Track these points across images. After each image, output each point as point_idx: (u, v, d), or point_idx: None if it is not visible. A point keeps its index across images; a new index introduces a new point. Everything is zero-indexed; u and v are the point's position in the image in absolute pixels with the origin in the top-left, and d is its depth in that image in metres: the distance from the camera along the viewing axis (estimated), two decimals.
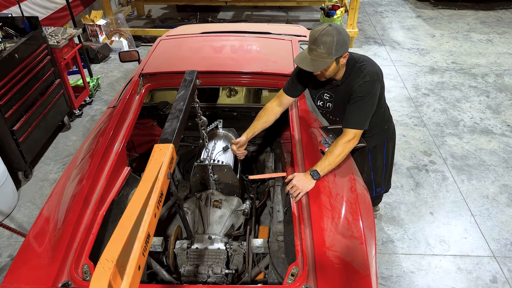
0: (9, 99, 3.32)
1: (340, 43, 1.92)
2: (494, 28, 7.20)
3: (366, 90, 2.07)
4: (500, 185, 3.57)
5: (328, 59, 1.93)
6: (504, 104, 4.84)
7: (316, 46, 1.92)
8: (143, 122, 3.14)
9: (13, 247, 3.03)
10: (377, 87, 2.11)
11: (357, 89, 2.07)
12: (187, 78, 2.04)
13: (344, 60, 2.04)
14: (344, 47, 1.95)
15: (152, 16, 8.07)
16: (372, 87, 2.08)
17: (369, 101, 2.09)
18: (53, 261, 1.67)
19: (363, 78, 2.07)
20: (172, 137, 1.57)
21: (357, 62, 2.13)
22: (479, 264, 2.86)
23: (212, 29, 3.90)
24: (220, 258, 2.17)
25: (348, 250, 1.73)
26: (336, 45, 1.91)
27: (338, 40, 1.90)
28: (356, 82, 2.08)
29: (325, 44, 1.90)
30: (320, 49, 1.92)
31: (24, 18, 3.74)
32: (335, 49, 1.91)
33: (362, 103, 2.08)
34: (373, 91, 2.09)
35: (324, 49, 1.91)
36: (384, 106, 2.43)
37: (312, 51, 1.95)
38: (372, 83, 2.08)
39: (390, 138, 2.60)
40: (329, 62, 1.94)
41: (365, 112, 2.11)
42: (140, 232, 1.04)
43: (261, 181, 2.97)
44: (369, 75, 2.08)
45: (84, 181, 2.01)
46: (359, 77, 2.09)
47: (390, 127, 2.57)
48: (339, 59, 1.99)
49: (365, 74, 2.08)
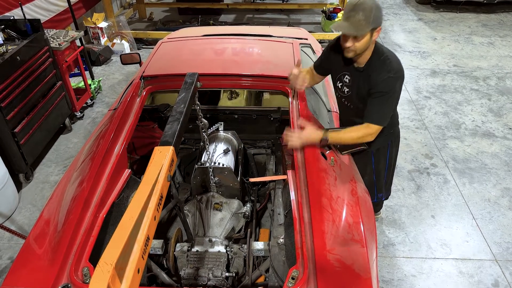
0: (10, 101, 3.33)
1: (377, 14, 1.90)
2: (496, 31, 7.20)
3: (391, 86, 2.05)
4: (502, 188, 3.56)
5: (365, 27, 1.89)
6: (506, 107, 4.83)
7: (355, 12, 1.87)
8: (144, 125, 3.13)
9: (14, 249, 3.03)
10: (400, 85, 2.10)
11: (381, 84, 2.05)
12: (188, 81, 2.04)
13: (377, 35, 1.99)
14: (379, 19, 1.93)
15: (154, 19, 8.10)
16: (396, 83, 2.07)
17: (393, 98, 2.09)
18: (53, 264, 1.67)
19: (388, 73, 2.04)
20: (172, 140, 1.57)
21: (383, 54, 2.10)
22: (481, 268, 2.84)
23: (213, 31, 3.91)
24: (220, 261, 2.16)
25: (349, 254, 1.73)
26: (374, 13, 1.88)
27: (376, 10, 1.89)
28: (380, 76, 2.06)
29: (364, 11, 1.86)
30: (358, 15, 1.87)
31: (26, 20, 3.75)
32: (373, 17, 1.88)
33: (386, 98, 2.07)
34: (397, 88, 2.08)
35: (362, 16, 1.87)
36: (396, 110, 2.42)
37: (350, 18, 1.90)
38: (396, 79, 2.06)
39: (394, 142, 2.59)
40: (366, 31, 1.90)
41: (389, 109, 2.11)
42: (140, 235, 1.04)
43: (261, 184, 2.96)
44: (394, 71, 2.05)
45: (85, 183, 2.01)
46: (384, 70, 2.05)
47: (395, 131, 2.55)
48: (373, 32, 1.96)
49: (390, 68, 2.05)
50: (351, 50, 2.01)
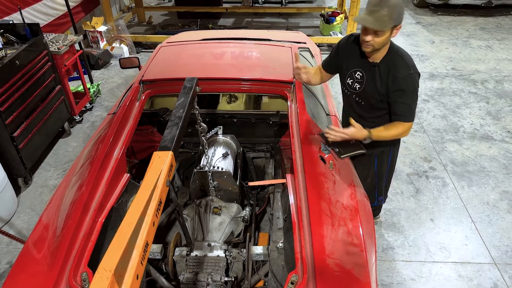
0: (9, 106, 3.33)
1: (401, 11, 1.92)
2: (494, 34, 7.23)
3: (414, 82, 2.10)
4: (501, 192, 3.56)
5: (388, 24, 1.90)
6: (504, 110, 4.84)
7: (380, 7, 1.88)
8: (143, 129, 3.14)
9: (12, 254, 3.02)
10: (418, 80, 2.14)
11: (404, 81, 2.08)
12: (187, 85, 2.04)
13: (397, 32, 2.01)
14: (402, 16, 1.95)
15: (153, 23, 8.11)
16: (415, 80, 2.11)
17: (415, 94, 2.14)
18: (52, 269, 1.67)
19: (408, 70, 2.07)
20: (171, 145, 1.57)
21: (398, 51, 2.15)
22: (480, 271, 2.84)
23: (212, 35, 3.92)
24: (219, 265, 2.16)
25: (348, 258, 1.73)
26: (398, 10, 1.90)
27: (400, 7, 1.91)
28: (401, 73, 2.08)
29: (389, 7, 1.87)
30: (383, 10, 1.87)
31: (25, 24, 3.75)
32: (397, 14, 1.90)
33: (413, 95, 2.12)
34: (416, 84, 2.12)
35: (387, 12, 1.87)
36: None
37: (374, 13, 1.90)
38: (415, 76, 2.11)
39: (396, 146, 2.60)
40: (389, 26, 1.92)
41: (415, 105, 2.16)
42: (139, 241, 1.04)
43: (261, 188, 2.96)
44: (412, 67, 2.10)
45: (84, 188, 2.01)
46: (403, 67, 2.08)
47: None
48: (393, 29, 1.97)
49: (408, 65, 2.08)
50: (370, 44, 2.01)
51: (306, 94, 2.73)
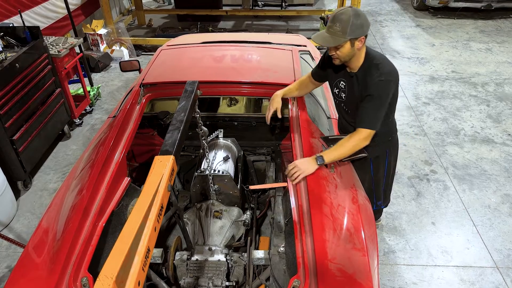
0: (9, 109, 3.32)
1: (356, 25, 1.95)
2: (493, 37, 7.23)
3: (381, 89, 2.08)
4: (502, 195, 3.55)
5: (341, 38, 1.97)
6: (505, 113, 4.84)
7: (333, 23, 1.98)
8: (144, 132, 3.13)
9: (12, 258, 3.00)
10: (391, 88, 2.11)
11: (371, 87, 2.08)
12: (188, 89, 2.03)
13: (360, 44, 2.03)
14: (360, 29, 1.98)
15: (153, 26, 8.12)
16: (386, 87, 2.09)
17: (382, 101, 2.10)
18: (52, 273, 1.65)
19: (378, 77, 2.07)
20: (172, 149, 1.56)
21: (374, 59, 2.14)
22: (482, 275, 2.83)
23: (212, 38, 3.92)
24: (220, 270, 2.15)
25: (350, 263, 1.71)
26: (351, 25, 1.94)
27: (354, 20, 1.94)
28: (371, 79, 2.09)
29: (341, 22, 1.95)
30: (336, 26, 1.96)
31: (25, 27, 3.75)
32: (350, 29, 1.94)
33: (375, 102, 2.09)
34: (387, 91, 2.09)
35: (339, 27, 1.95)
36: (391, 116, 2.42)
37: (329, 28, 2.01)
38: (387, 83, 2.08)
39: (392, 150, 2.58)
40: (342, 41, 1.98)
41: (379, 112, 2.11)
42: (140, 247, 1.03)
43: (261, 191, 2.95)
44: (384, 74, 2.08)
45: (84, 192, 2.00)
46: (374, 74, 2.09)
47: (393, 138, 2.54)
48: (354, 41, 2.01)
49: (381, 72, 2.08)
50: (336, 58, 2.11)
51: (307, 97, 2.72)
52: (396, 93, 2.21)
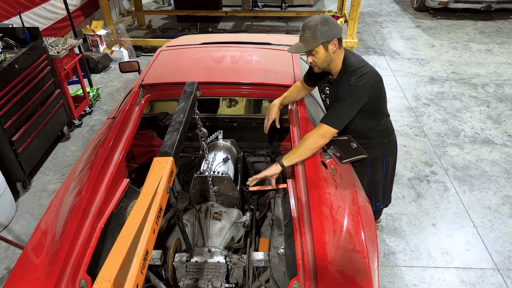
0: (8, 110, 3.31)
1: (325, 29, 2.03)
2: (493, 38, 7.23)
3: (349, 92, 2.12)
4: (502, 196, 3.54)
5: (313, 43, 2.05)
6: (505, 114, 4.83)
7: (304, 31, 2.08)
8: (143, 133, 3.12)
9: (10, 260, 2.99)
10: (361, 93, 2.12)
11: (341, 90, 2.16)
12: (187, 90, 2.03)
13: (333, 47, 2.09)
14: (330, 33, 2.05)
15: (153, 26, 8.11)
16: (355, 91, 2.11)
17: (349, 104, 2.13)
18: (50, 275, 1.64)
19: (348, 82, 2.13)
20: (171, 150, 1.55)
21: (350, 66, 2.18)
22: (483, 276, 2.82)
23: (212, 39, 3.91)
24: (220, 271, 2.14)
25: (350, 265, 1.71)
26: (320, 29, 2.02)
27: (322, 25, 2.02)
28: (342, 85, 2.16)
29: (310, 28, 2.04)
30: (306, 33, 2.06)
31: (24, 28, 3.75)
32: (319, 33, 2.02)
33: (341, 103, 2.14)
34: (356, 96, 2.12)
35: (309, 33, 2.05)
36: (382, 119, 2.43)
37: (301, 37, 2.11)
38: (356, 87, 2.11)
39: (390, 152, 2.58)
40: (314, 45, 2.06)
41: (342, 112, 2.14)
42: (139, 249, 1.02)
43: (261, 193, 2.94)
44: (356, 79, 2.11)
45: (83, 193, 1.99)
46: (347, 80, 2.15)
47: (390, 140, 2.55)
48: (326, 45, 2.07)
49: (352, 77, 2.12)
50: (314, 65, 2.19)
51: (307, 98, 2.71)
52: (377, 96, 2.24)
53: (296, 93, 2.59)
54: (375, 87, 2.19)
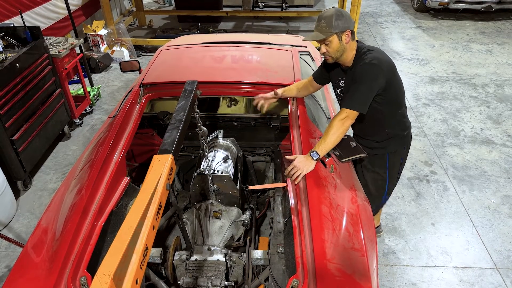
0: (9, 109, 3.32)
1: (340, 19, 2.09)
2: (494, 38, 7.24)
3: (364, 72, 2.13)
4: (502, 196, 3.55)
5: (328, 32, 2.10)
6: (505, 114, 4.84)
7: (319, 22, 2.13)
8: (143, 132, 3.13)
9: (11, 258, 3.00)
10: (376, 72, 2.12)
11: (356, 71, 2.17)
12: (187, 89, 2.04)
13: (347, 38, 2.13)
14: (344, 23, 2.10)
15: (154, 26, 8.13)
16: (370, 70, 2.12)
17: (365, 82, 2.13)
18: (50, 273, 1.65)
19: (364, 61, 2.15)
20: (171, 148, 1.56)
21: (364, 49, 2.21)
22: (482, 276, 2.83)
23: (213, 39, 3.92)
24: (219, 270, 2.15)
25: (349, 263, 1.71)
26: (335, 19, 2.08)
27: (337, 16, 2.09)
28: (356, 67, 2.18)
29: (325, 18, 2.10)
30: (321, 23, 2.12)
31: (25, 28, 3.76)
32: (334, 22, 2.08)
33: (358, 84, 2.14)
34: (371, 74, 2.12)
35: (324, 23, 2.10)
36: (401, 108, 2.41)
37: (316, 27, 2.15)
38: (370, 66, 2.11)
39: (407, 147, 2.57)
40: (328, 34, 2.10)
41: (360, 93, 2.13)
42: (138, 245, 1.03)
43: (261, 191, 2.95)
44: (369, 59, 2.13)
45: (83, 191, 2.00)
46: (360, 62, 2.17)
47: (408, 135, 2.52)
48: (340, 35, 2.11)
49: (366, 57, 2.15)
50: (327, 55, 2.21)
51: (307, 98, 2.72)
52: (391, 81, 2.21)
53: (300, 89, 2.60)
54: (391, 71, 2.20)
